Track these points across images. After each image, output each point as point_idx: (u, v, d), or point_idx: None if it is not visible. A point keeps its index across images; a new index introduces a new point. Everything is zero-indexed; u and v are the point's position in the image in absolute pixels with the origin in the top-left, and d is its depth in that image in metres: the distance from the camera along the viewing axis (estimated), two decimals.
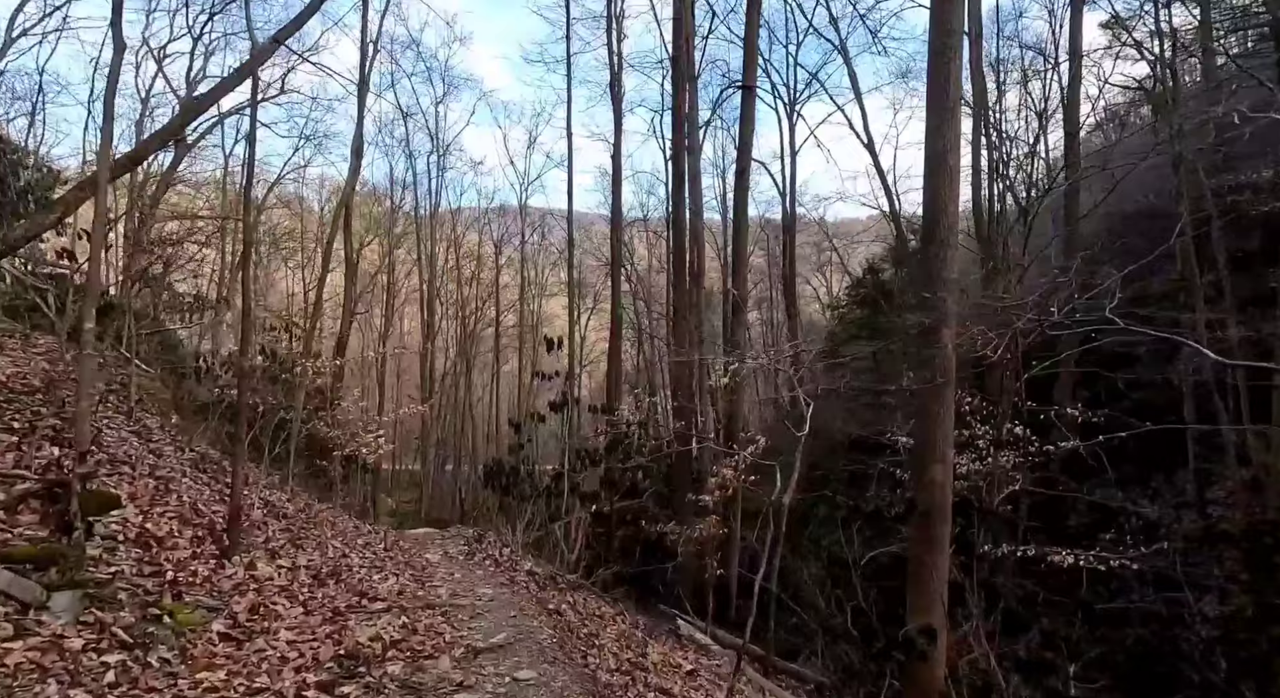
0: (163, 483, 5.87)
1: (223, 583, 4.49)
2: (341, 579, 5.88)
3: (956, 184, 8.17)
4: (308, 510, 8.42)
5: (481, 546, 8.89)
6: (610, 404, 14.08)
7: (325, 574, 5.85)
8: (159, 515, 5.04)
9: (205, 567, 4.61)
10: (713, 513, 9.37)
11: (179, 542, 4.81)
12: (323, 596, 5.09)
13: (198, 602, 4.05)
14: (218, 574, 4.60)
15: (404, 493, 30.34)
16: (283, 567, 5.42)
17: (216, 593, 4.33)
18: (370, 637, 4.43)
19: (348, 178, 15.08)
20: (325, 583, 5.52)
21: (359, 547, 7.71)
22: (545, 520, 12.88)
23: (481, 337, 29.75)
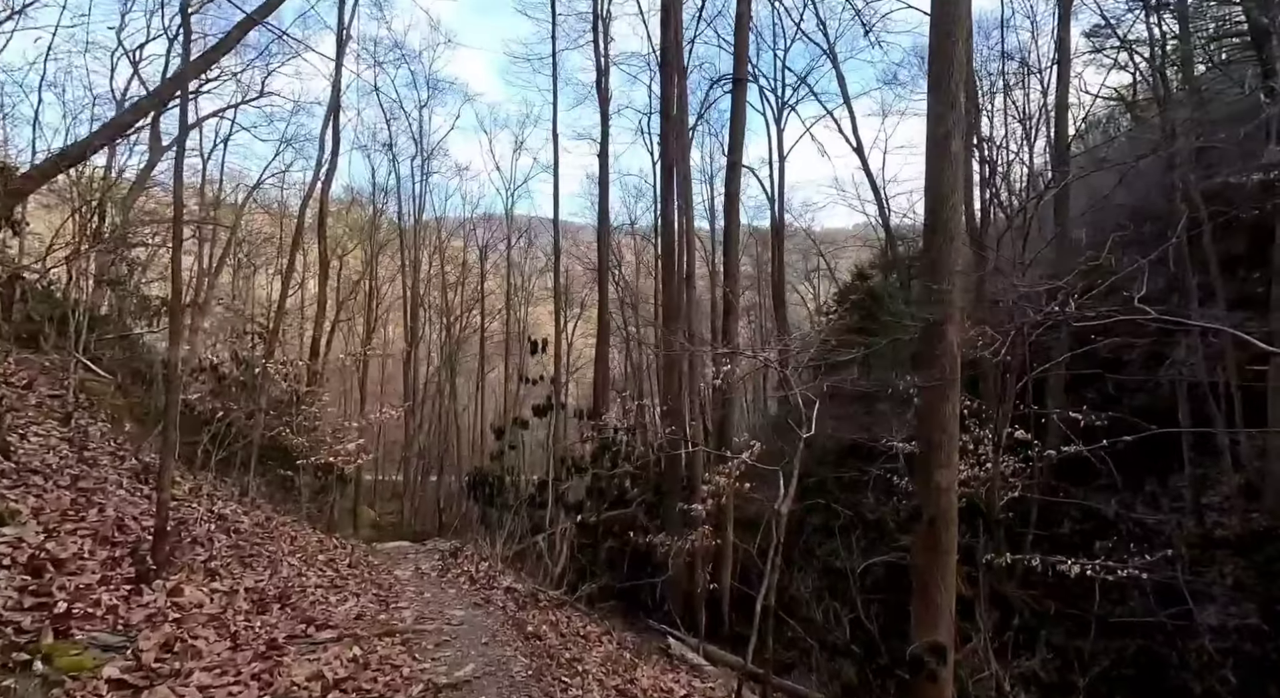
0: (84, 495, 5.09)
1: (134, 614, 3.72)
2: (290, 603, 5.11)
3: (959, 172, 7.60)
4: (267, 524, 7.61)
5: (457, 560, 8.12)
6: (597, 410, 13.36)
7: (271, 598, 5.08)
8: (68, 534, 4.27)
9: (115, 595, 3.84)
10: (705, 523, 8.68)
11: (87, 564, 4.04)
12: (261, 625, 4.32)
13: (92, 640, 3.29)
14: (130, 603, 3.84)
15: (386, 504, 29.28)
16: (219, 591, 4.65)
17: (123, 627, 3.57)
18: (309, 675, 3.69)
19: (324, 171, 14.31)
20: (268, 609, 4.75)
21: (320, 564, 6.93)
22: (528, 532, 12.12)
23: (466, 344, 28.93)
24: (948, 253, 7.52)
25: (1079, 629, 10.05)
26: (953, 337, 7.55)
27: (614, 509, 11.83)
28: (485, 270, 27.52)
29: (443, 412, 25.50)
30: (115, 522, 4.90)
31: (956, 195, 7.60)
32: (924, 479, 7.90)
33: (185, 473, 7.93)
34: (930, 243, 7.70)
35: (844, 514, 11.73)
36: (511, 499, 15.99)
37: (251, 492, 9.46)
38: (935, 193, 7.61)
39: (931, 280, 7.68)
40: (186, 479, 7.68)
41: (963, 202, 8.14)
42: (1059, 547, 9.73)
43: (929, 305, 7.52)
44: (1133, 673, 10.11)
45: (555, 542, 10.93)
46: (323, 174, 14.63)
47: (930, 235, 7.68)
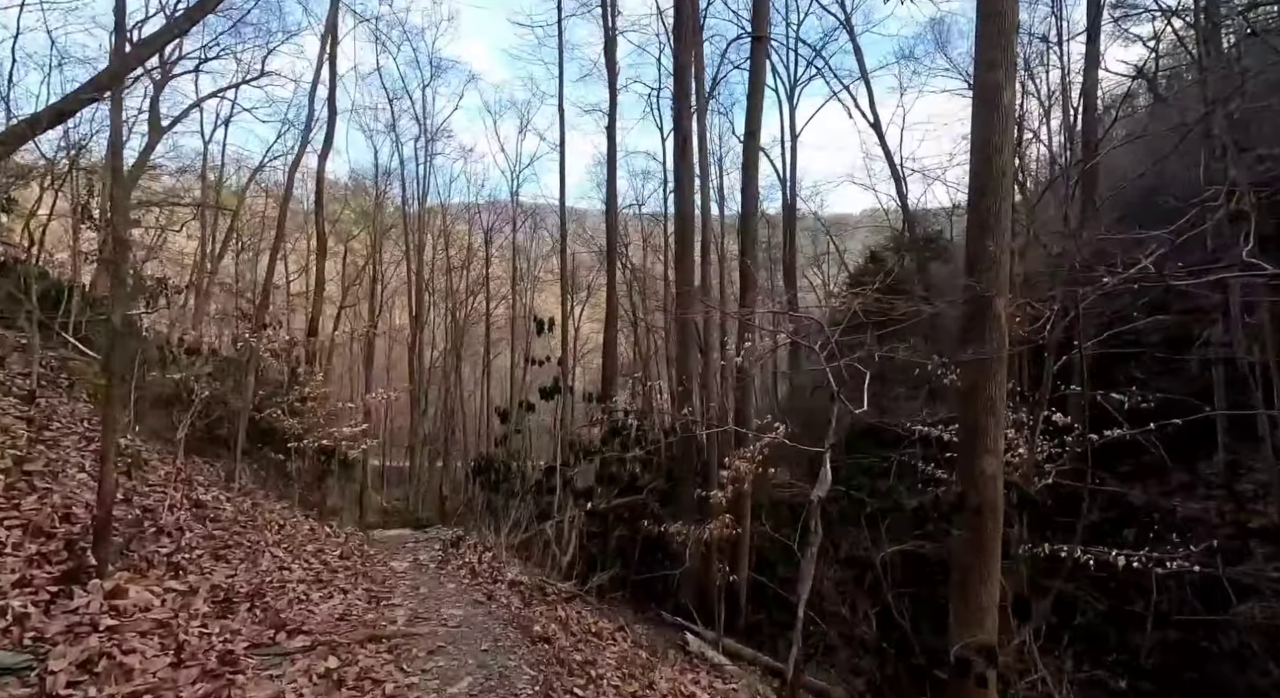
0: (27, 480, 4.36)
1: (52, 624, 2.99)
2: (264, 603, 4.39)
3: (1012, 126, 6.75)
4: (252, 512, 6.90)
5: (459, 550, 7.39)
6: (606, 393, 12.60)
7: (242, 597, 4.36)
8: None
9: (34, 597, 3.11)
10: (725, 511, 7.94)
11: (7, 561, 3.31)
12: (220, 631, 3.59)
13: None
14: (51, 610, 3.11)
15: (394, 490, 28.67)
16: (175, 591, 3.92)
17: (33, 640, 2.84)
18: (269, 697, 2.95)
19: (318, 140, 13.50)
20: (234, 611, 4.03)
21: (307, 556, 6.21)
22: (535, 519, 11.43)
23: (473, 330, 28.17)
24: (998, 216, 6.71)
25: (1118, 623, 9.33)
26: (1002, 309, 6.75)
27: (624, 496, 11.10)
28: (490, 255, 26.70)
29: (448, 397, 24.81)
30: (58, 511, 4.17)
31: (1007, 152, 6.76)
32: (967, 466, 7.12)
33: (165, 457, 7.22)
34: (977, 205, 6.87)
35: (867, 502, 10.96)
36: (518, 486, 15.29)
37: (240, 477, 8.76)
38: (983, 150, 6.77)
39: (978, 247, 6.87)
40: (165, 464, 6.96)
41: (1014, 160, 7.28)
42: (1086, 537, 9.02)
43: (976, 275, 6.71)
44: (1173, 666, 9.40)
45: (563, 530, 10.21)
46: (315, 143, 13.79)
47: (978, 198, 6.85)
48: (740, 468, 7.67)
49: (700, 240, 9.92)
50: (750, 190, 9.77)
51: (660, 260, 27.68)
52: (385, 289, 27.90)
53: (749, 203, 9.79)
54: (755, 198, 10.11)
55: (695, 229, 9.98)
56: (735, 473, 7.74)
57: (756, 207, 10.21)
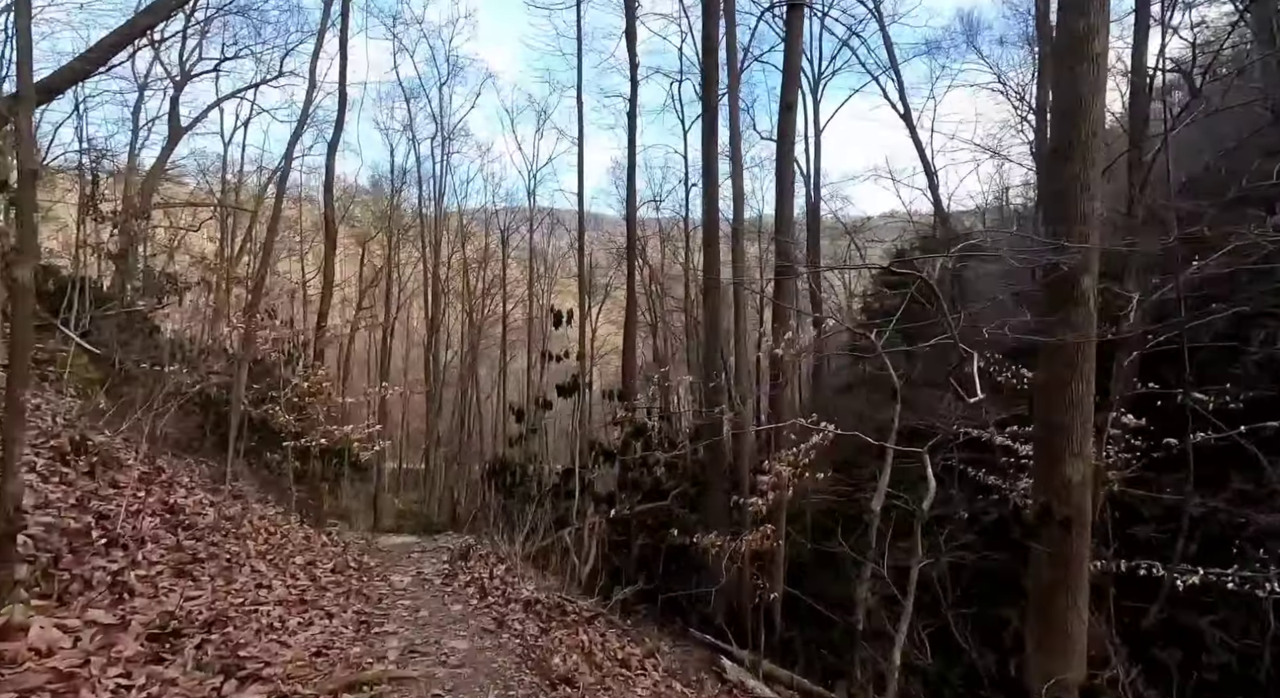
0: None
1: None
2: (223, 635, 3.48)
3: (1104, 79, 5.74)
4: (239, 519, 6.02)
5: (468, 562, 6.47)
6: (627, 391, 11.65)
7: (197, 627, 3.46)
8: None
9: None
10: (765, 521, 6.95)
11: None
12: (147, 681, 2.68)
13: None
14: None
15: (409, 493, 27.89)
16: (101, 624, 3.02)
17: None
18: None
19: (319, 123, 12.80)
20: (179, 649, 3.12)
21: (294, 570, 5.32)
22: (552, 526, 10.51)
23: (489, 332, 27.40)
24: (1085, 183, 5.69)
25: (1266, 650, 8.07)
26: (1091, 288, 5.73)
27: (648, 501, 10.12)
28: (507, 255, 25.92)
29: (464, 399, 24.00)
30: None
31: (1098, 110, 5.75)
32: (1047, 471, 6.10)
33: (144, 457, 6.37)
34: (1060, 173, 5.86)
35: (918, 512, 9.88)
36: (533, 489, 14.37)
37: (238, 479, 7.92)
38: (1068, 105, 5.77)
39: (1060, 218, 5.87)
40: (143, 464, 6.11)
41: (1104, 119, 6.27)
42: (1140, 550, 7.95)
43: (1058, 251, 5.69)
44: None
45: (584, 538, 9.27)
46: (315, 114, 13.01)
47: (1061, 163, 5.84)
48: (782, 473, 6.68)
49: (733, 226, 8.99)
50: (786, 167, 8.82)
51: (678, 261, 26.80)
52: (402, 292, 27.26)
53: (784, 180, 8.83)
54: (791, 175, 9.14)
55: (717, 191, 9.01)
56: (776, 479, 6.76)
57: (792, 184, 9.24)
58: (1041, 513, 5.87)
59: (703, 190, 9.48)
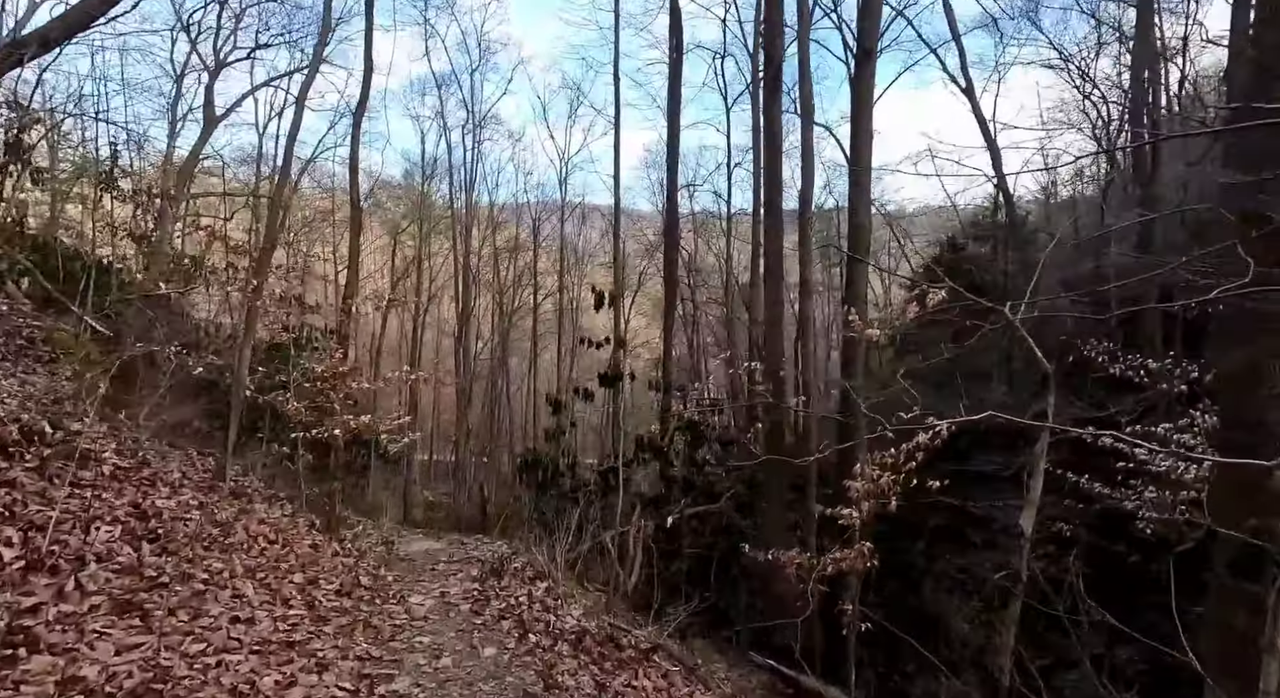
0: None
1: None
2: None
3: None
4: (230, 525, 4.88)
5: (501, 581, 5.24)
6: (667, 380, 10.35)
7: None
8: None
9: None
10: (857, 538, 5.60)
11: None
12: None
13: None
14: None
15: (441, 485, 27.00)
16: None
17: None
18: None
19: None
20: None
21: (291, 592, 4.15)
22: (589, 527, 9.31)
23: (520, 326, 26.34)
24: None
25: None
26: None
27: (698, 504, 8.83)
28: (538, 244, 24.78)
29: (494, 391, 22.96)
30: None
31: None
32: (1242, 488, 4.64)
33: (126, 449, 5.28)
34: (1264, 92, 4.40)
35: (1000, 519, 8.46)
36: (567, 486, 13.18)
37: (242, 474, 6.82)
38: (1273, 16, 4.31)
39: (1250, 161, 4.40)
40: (121, 458, 5.01)
41: None
42: None
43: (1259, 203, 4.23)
44: None
45: (628, 545, 8.01)
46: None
47: (1266, 81, 4.38)
48: (880, 479, 5.33)
49: (801, 195, 7.64)
50: (862, 127, 7.40)
51: (711, 251, 25.40)
52: (433, 283, 26.34)
53: (862, 137, 7.41)
54: (868, 136, 7.68)
55: (777, 145, 7.61)
56: (871, 485, 5.41)
57: (870, 138, 7.73)
58: (1241, 547, 4.40)
59: (764, 154, 8.13)
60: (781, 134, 7.94)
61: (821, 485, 8.55)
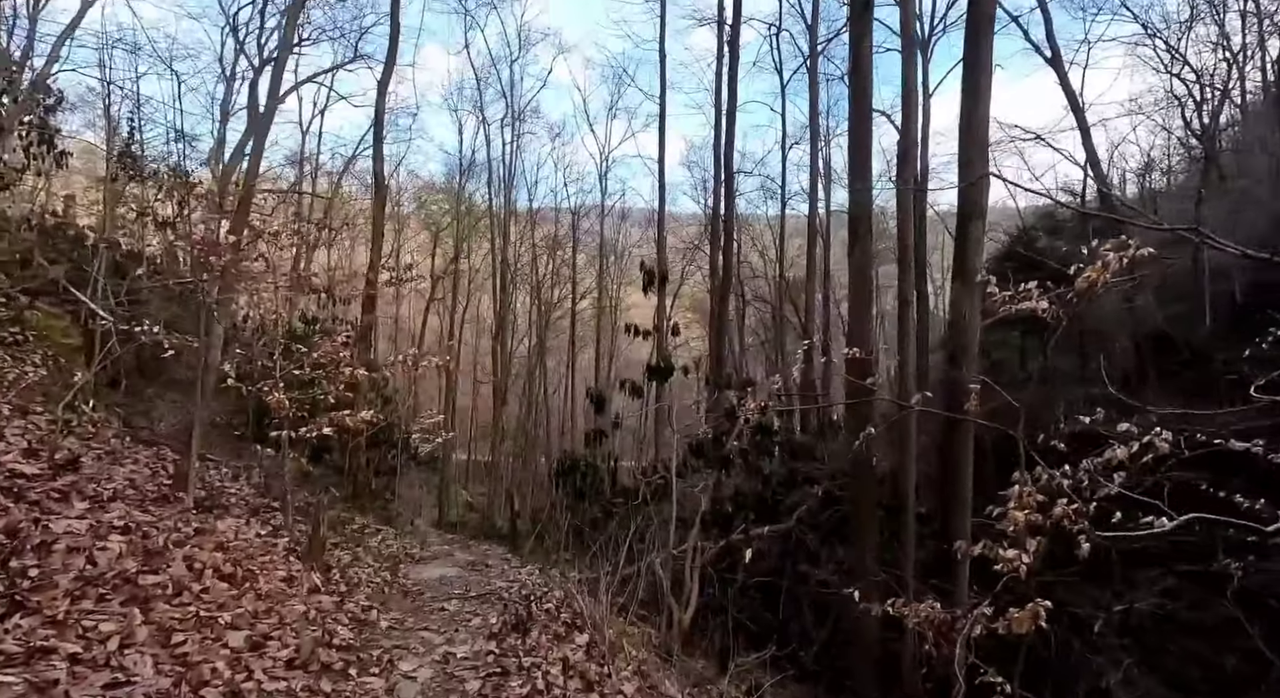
0: None
1: None
2: None
3: None
4: (167, 552, 3.47)
5: (527, 639, 3.69)
6: (719, 374, 8.70)
7: None
8: None
9: None
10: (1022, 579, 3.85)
11: None
12: None
13: None
14: None
15: (478, 485, 25.86)
16: None
17: None
18: None
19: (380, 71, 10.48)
20: None
21: (216, 664, 2.68)
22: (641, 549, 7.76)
23: (557, 326, 25.02)
24: None
25: None
26: None
27: (763, 522, 7.16)
28: (577, 240, 23.44)
29: (531, 391, 21.64)
30: None
31: None
32: None
33: (44, 449, 3.93)
34: None
35: None
36: (607, 494, 11.61)
37: (221, 480, 5.47)
38: None
39: None
40: (49, 463, 3.66)
41: None
42: None
43: None
44: None
45: (685, 572, 6.40)
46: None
47: None
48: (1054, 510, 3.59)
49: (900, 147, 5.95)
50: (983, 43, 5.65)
51: (755, 247, 23.60)
52: (471, 282, 25.29)
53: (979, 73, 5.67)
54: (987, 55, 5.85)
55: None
56: (1041, 515, 3.68)
57: (990, 62, 5.90)
58: None
59: (850, 94, 6.48)
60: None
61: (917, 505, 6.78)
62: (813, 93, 13.43)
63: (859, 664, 6.52)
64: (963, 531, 6.32)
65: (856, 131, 6.55)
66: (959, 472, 6.27)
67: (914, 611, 4.19)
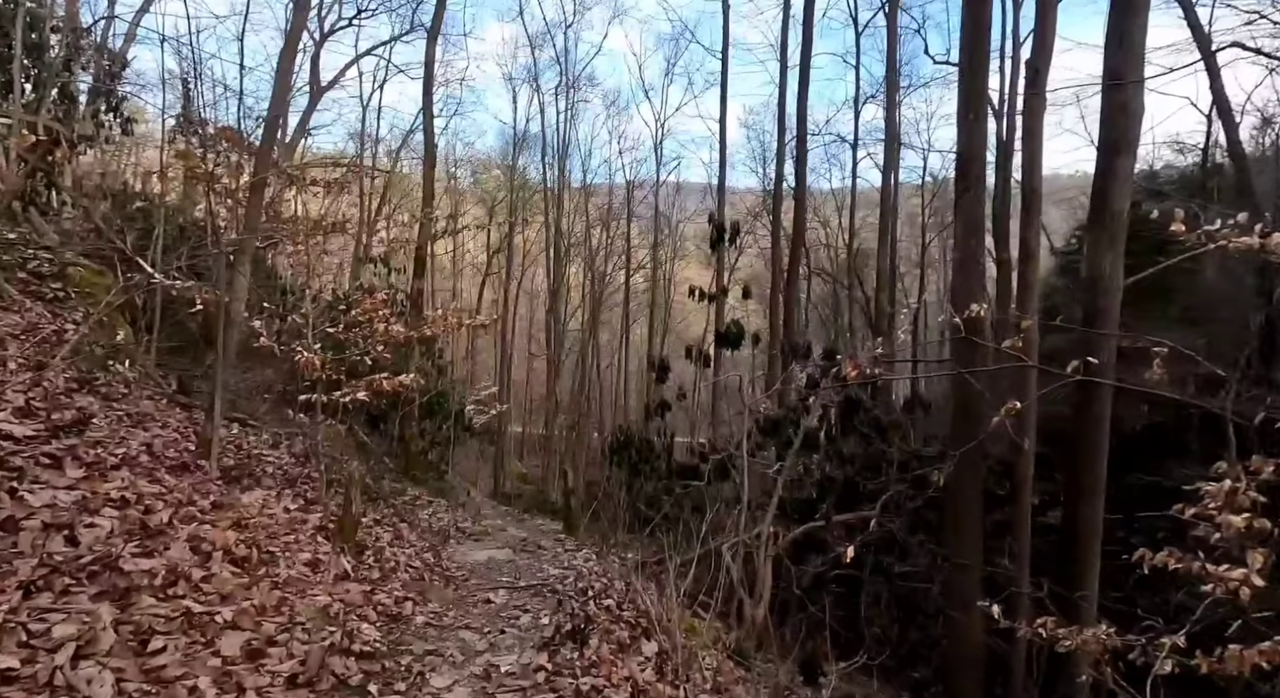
0: None
1: None
2: None
3: None
4: (170, 531, 2.90)
5: (588, 645, 2.96)
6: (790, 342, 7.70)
7: None
8: None
9: None
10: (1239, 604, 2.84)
11: None
12: None
13: None
14: None
15: (532, 459, 25.81)
16: None
17: None
18: None
19: None
20: None
21: (197, 687, 2.04)
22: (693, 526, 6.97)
23: (610, 300, 24.34)
24: None
25: None
26: None
27: (842, 510, 6.22)
28: (632, 210, 22.52)
29: (584, 365, 21.09)
30: None
31: None
32: None
33: (41, 407, 3.44)
34: None
35: None
36: (663, 468, 10.88)
37: (260, 447, 4.98)
38: None
39: None
40: (44, 422, 3.15)
41: None
42: None
43: None
44: None
45: (755, 561, 5.58)
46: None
47: None
48: None
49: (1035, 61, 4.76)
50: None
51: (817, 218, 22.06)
52: (526, 257, 24.86)
53: None
54: None
55: None
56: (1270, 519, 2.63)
57: None
58: None
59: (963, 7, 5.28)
60: None
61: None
62: (891, 40, 11.93)
63: (958, 673, 5.57)
64: (1092, 525, 5.23)
65: (971, 53, 5.36)
66: (1091, 455, 5.16)
67: (1074, 633, 3.22)
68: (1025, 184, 5.16)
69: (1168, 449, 7.24)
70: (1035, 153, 5.21)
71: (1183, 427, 7.55)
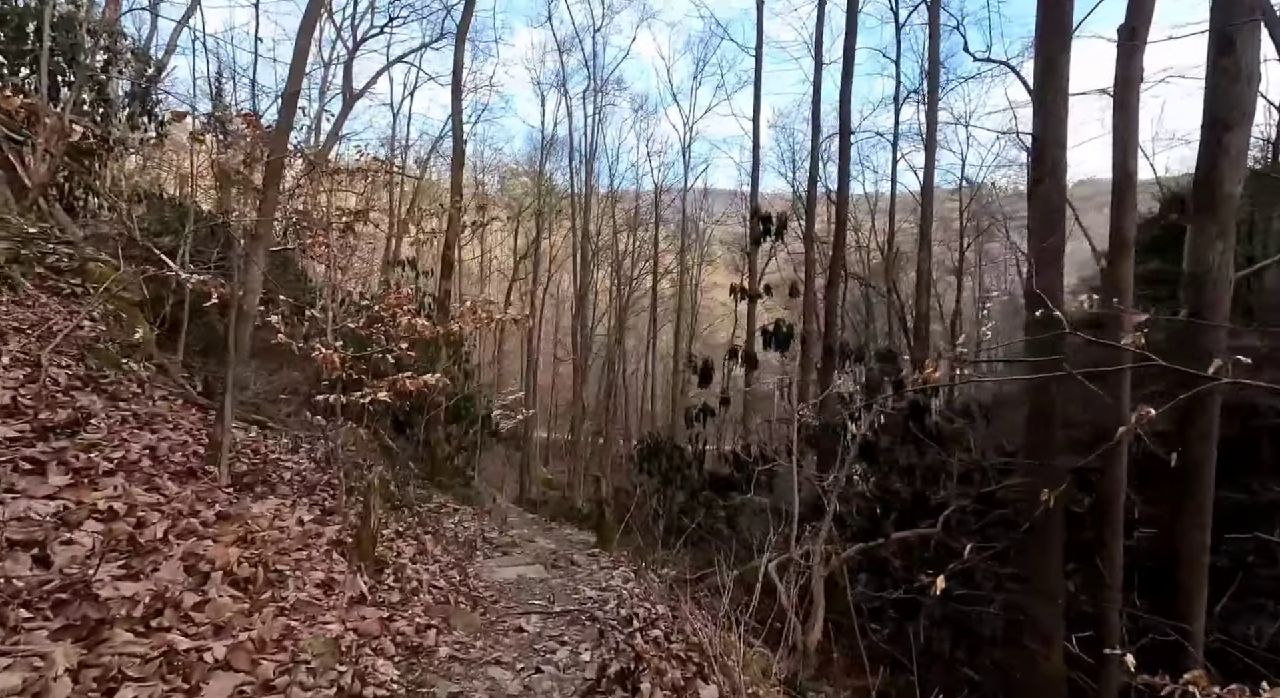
0: None
1: None
2: None
3: None
4: (163, 546, 2.49)
5: (639, 694, 2.47)
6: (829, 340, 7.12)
7: None
8: None
9: None
10: None
11: None
12: None
13: None
14: None
15: (558, 464, 25.42)
16: None
17: None
18: None
19: None
20: None
21: None
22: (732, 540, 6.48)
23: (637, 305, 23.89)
24: None
25: None
26: None
27: (904, 526, 5.62)
28: (660, 214, 22.07)
29: (610, 371, 20.64)
30: None
31: None
32: None
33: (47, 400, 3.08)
34: None
35: None
36: (695, 477, 10.34)
37: (279, 450, 4.61)
38: None
39: None
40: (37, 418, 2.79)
41: None
42: None
43: None
44: None
45: (809, 584, 5.01)
46: None
47: None
48: None
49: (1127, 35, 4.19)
50: None
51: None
52: (553, 262, 24.58)
53: None
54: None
55: None
56: None
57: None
58: None
59: None
60: None
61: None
62: (933, 29, 11.31)
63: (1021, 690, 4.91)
64: (1198, 544, 4.56)
65: (1049, 23, 4.79)
66: (1198, 466, 4.51)
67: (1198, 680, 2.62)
68: (1119, 167, 4.56)
69: (1244, 464, 6.47)
70: (1129, 130, 4.60)
71: (1252, 437, 6.75)
